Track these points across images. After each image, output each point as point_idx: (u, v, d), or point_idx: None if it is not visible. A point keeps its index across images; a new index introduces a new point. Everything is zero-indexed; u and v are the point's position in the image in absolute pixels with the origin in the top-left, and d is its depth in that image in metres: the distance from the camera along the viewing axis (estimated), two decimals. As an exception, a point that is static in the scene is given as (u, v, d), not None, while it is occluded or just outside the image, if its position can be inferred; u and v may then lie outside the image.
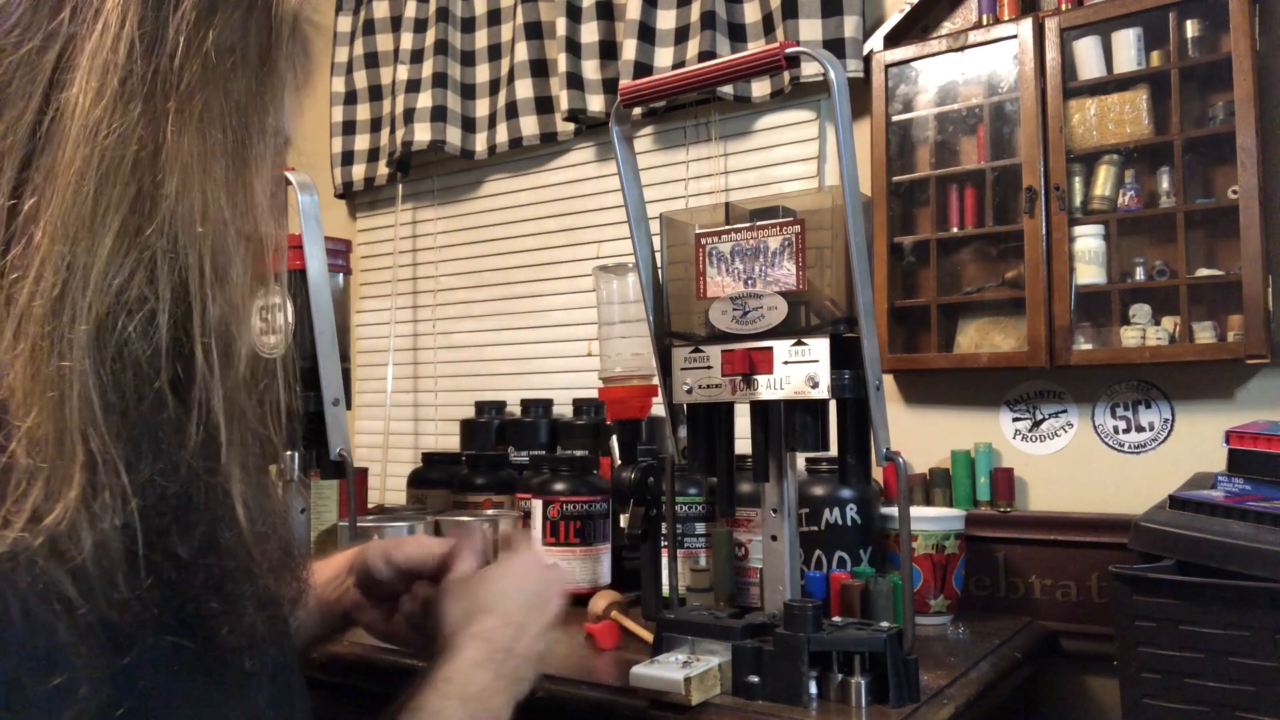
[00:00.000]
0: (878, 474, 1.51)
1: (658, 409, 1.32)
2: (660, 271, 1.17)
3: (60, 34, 0.49)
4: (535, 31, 2.05)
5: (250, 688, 0.54)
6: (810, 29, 1.67)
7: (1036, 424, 1.56)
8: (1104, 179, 1.45)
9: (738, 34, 1.80)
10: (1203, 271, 1.38)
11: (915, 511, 1.40)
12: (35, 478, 0.43)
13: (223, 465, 0.52)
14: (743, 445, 1.10)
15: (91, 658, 0.44)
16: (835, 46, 1.65)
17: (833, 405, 1.05)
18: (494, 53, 2.17)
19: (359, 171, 2.39)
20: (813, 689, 0.99)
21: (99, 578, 0.45)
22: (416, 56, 2.21)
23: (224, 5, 0.52)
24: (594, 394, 1.76)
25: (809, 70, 1.69)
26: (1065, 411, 1.54)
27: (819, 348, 1.02)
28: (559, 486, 1.47)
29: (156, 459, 0.48)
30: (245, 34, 0.54)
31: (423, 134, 2.14)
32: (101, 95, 0.48)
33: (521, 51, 2.05)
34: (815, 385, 1.02)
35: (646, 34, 1.86)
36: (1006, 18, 1.52)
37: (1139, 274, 1.44)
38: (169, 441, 0.50)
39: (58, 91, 0.48)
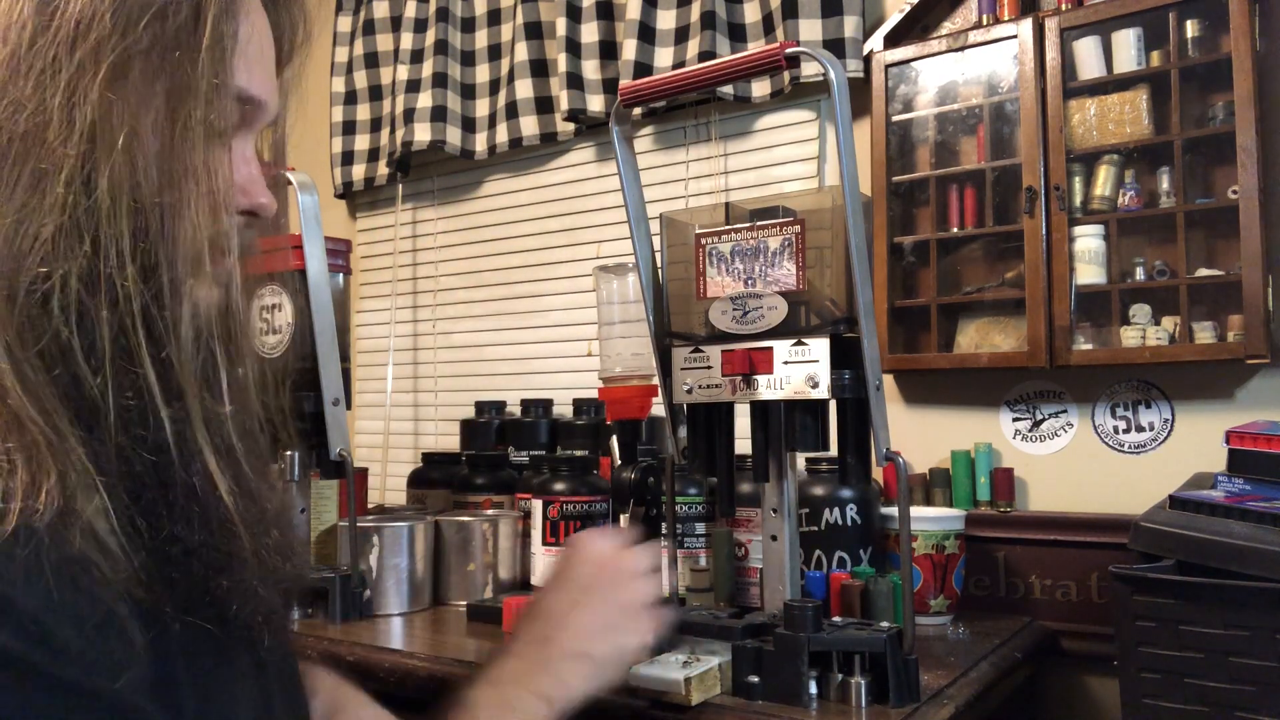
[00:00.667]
0: (878, 474, 1.51)
1: (658, 409, 1.32)
2: (660, 271, 1.17)
3: None
4: (535, 31, 2.05)
5: (264, 674, 0.54)
6: (810, 29, 1.67)
7: (1036, 424, 1.56)
8: (1104, 179, 1.45)
9: (738, 34, 1.80)
10: (1203, 271, 1.38)
11: (915, 511, 1.40)
12: (14, 462, 0.43)
13: (190, 440, 0.50)
14: (743, 445, 1.10)
15: (131, 628, 0.44)
16: (835, 46, 1.65)
17: (833, 405, 1.05)
18: (494, 53, 2.17)
19: (359, 171, 2.39)
20: (813, 689, 0.99)
21: (111, 552, 0.45)
22: (416, 56, 2.21)
23: None
24: (594, 394, 1.76)
25: (809, 70, 1.69)
26: (1065, 411, 1.54)
27: (819, 348, 1.02)
28: (559, 486, 1.47)
29: (117, 433, 0.47)
30: None
31: (423, 134, 2.14)
32: (10, 67, 0.47)
33: (521, 51, 2.05)
34: (815, 385, 1.02)
35: (646, 34, 1.86)
36: (1006, 18, 1.52)
37: (1139, 274, 1.44)
38: (125, 416, 0.48)
39: None
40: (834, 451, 1.08)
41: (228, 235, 0.55)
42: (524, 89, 2.05)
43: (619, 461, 1.40)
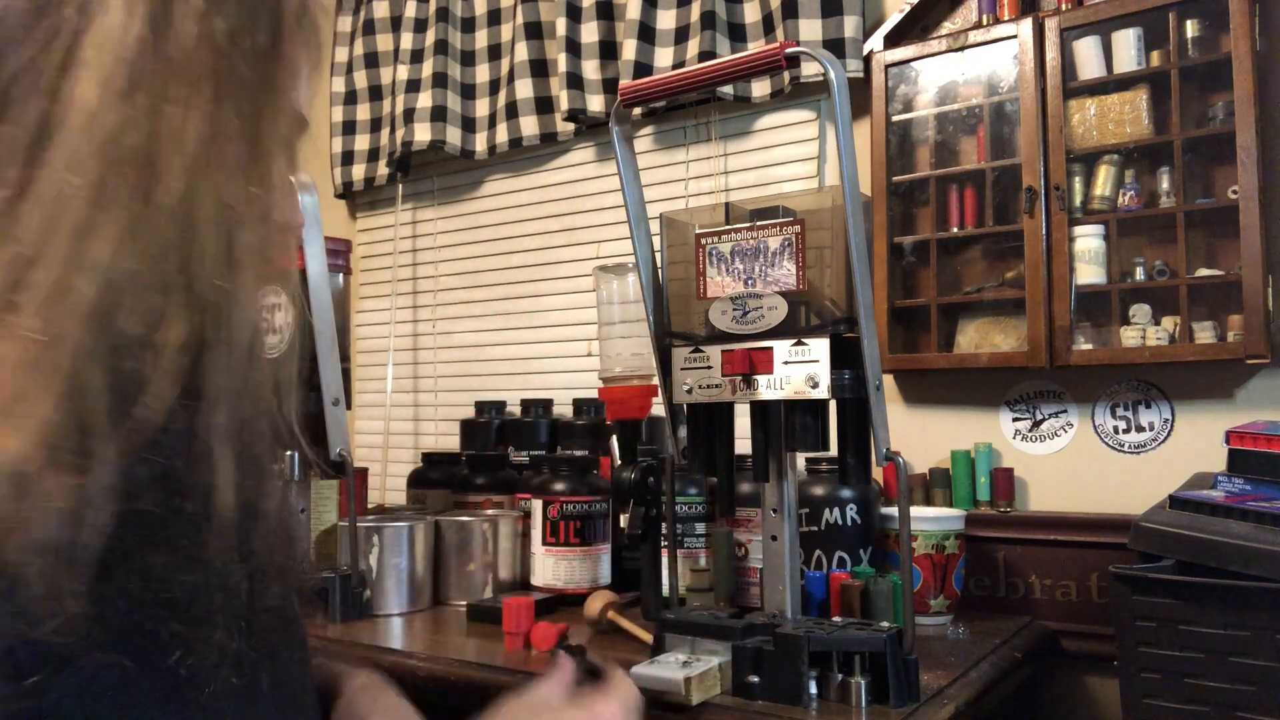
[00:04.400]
0: (878, 474, 1.51)
1: (658, 409, 1.32)
2: (660, 271, 1.17)
3: (65, 29, 0.49)
4: (535, 31, 2.05)
5: (214, 711, 0.52)
6: (810, 29, 1.67)
7: (1036, 424, 1.56)
8: (1104, 179, 1.45)
9: (738, 34, 1.80)
10: (1203, 271, 1.38)
11: (915, 511, 1.40)
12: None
13: (216, 460, 0.51)
14: (743, 445, 1.10)
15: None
16: (835, 46, 1.65)
17: (833, 405, 1.05)
18: (494, 53, 2.17)
19: (359, 171, 2.39)
20: (813, 689, 0.99)
21: (51, 592, 0.43)
22: (416, 56, 2.21)
23: None
24: (594, 394, 1.76)
25: (809, 70, 1.69)
26: (1065, 411, 1.54)
27: (819, 348, 1.02)
28: (559, 486, 1.47)
29: (156, 454, 0.48)
30: (254, 18, 0.54)
31: (423, 134, 2.14)
32: (106, 87, 0.48)
33: (521, 51, 2.05)
34: (815, 385, 1.02)
35: (646, 34, 1.86)
36: (1006, 18, 1.52)
37: (1139, 274, 1.44)
38: (170, 434, 0.49)
39: (63, 86, 0.48)
40: (834, 451, 1.08)
41: (278, 246, 0.57)
42: (524, 89, 2.05)
43: (619, 461, 1.40)
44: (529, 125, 2.06)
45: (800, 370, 1.02)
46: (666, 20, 1.87)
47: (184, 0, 0.51)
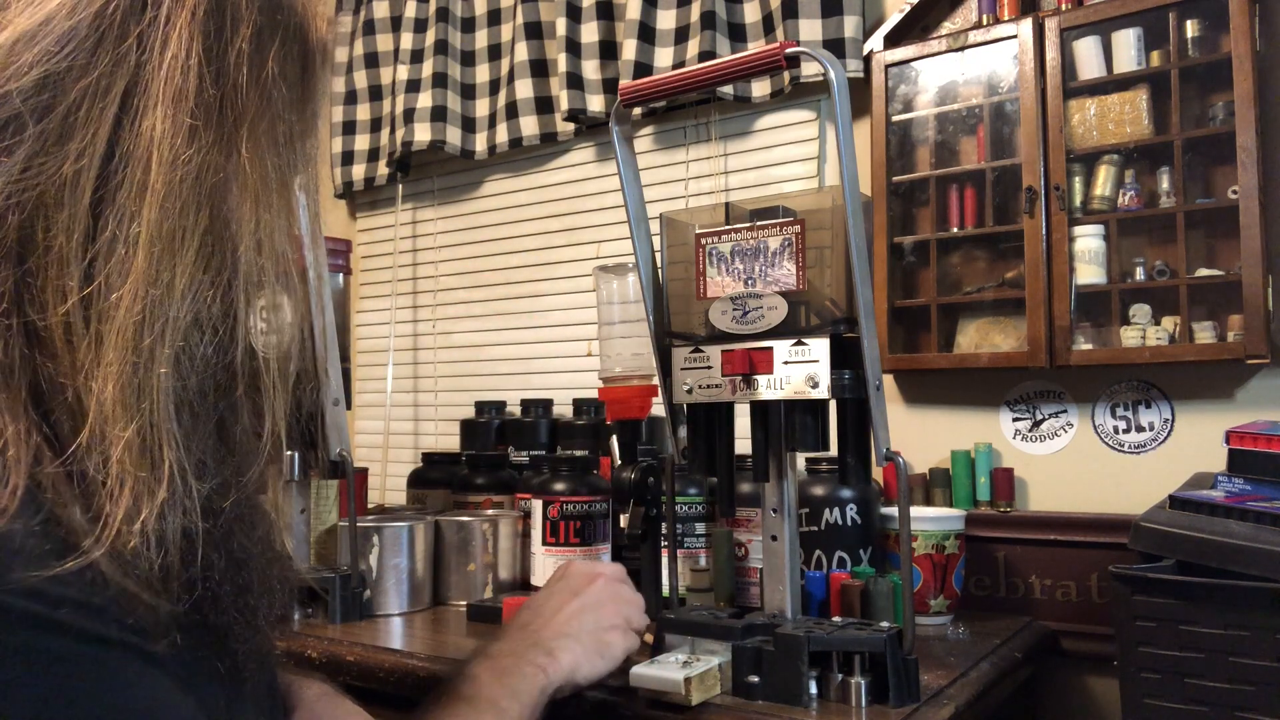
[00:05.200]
0: (878, 474, 1.51)
1: (658, 409, 1.32)
2: (660, 271, 1.17)
3: (128, 61, 0.50)
4: (535, 31, 2.05)
5: (242, 699, 0.55)
6: (810, 29, 1.67)
7: (1036, 424, 1.56)
8: (1104, 179, 1.45)
9: (738, 34, 1.80)
10: (1203, 271, 1.39)
11: (915, 511, 1.40)
12: (123, 486, 0.45)
13: (268, 477, 0.54)
14: (743, 445, 1.10)
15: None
16: (835, 46, 1.65)
17: (833, 405, 1.05)
18: (494, 53, 2.17)
19: (359, 171, 2.39)
20: (813, 689, 0.99)
21: (152, 588, 0.46)
22: (416, 56, 2.21)
23: (270, 34, 0.54)
24: (594, 394, 1.76)
25: (809, 70, 1.69)
26: (1065, 411, 1.54)
27: (819, 348, 1.02)
28: (559, 486, 1.47)
29: (224, 469, 0.51)
30: (290, 62, 0.57)
31: (423, 134, 2.14)
32: (178, 123, 0.50)
33: (521, 51, 2.05)
34: (815, 385, 1.02)
35: (646, 34, 1.86)
36: (1006, 18, 1.52)
37: (1139, 274, 1.44)
38: (239, 454, 0.53)
39: (130, 118, 0.49)
40: (834, 451, 1.08)
41: (296, 264, 0.61)
42: (524, 89, 2.05)
43: (619, 461, 1.40)
44: (529, 125, 2.06)
45: (800, 370, 1.02)
46: (666, 20, 1.87)
47: (235, 43, 0.52)
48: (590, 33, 1.95)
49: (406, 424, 2.39)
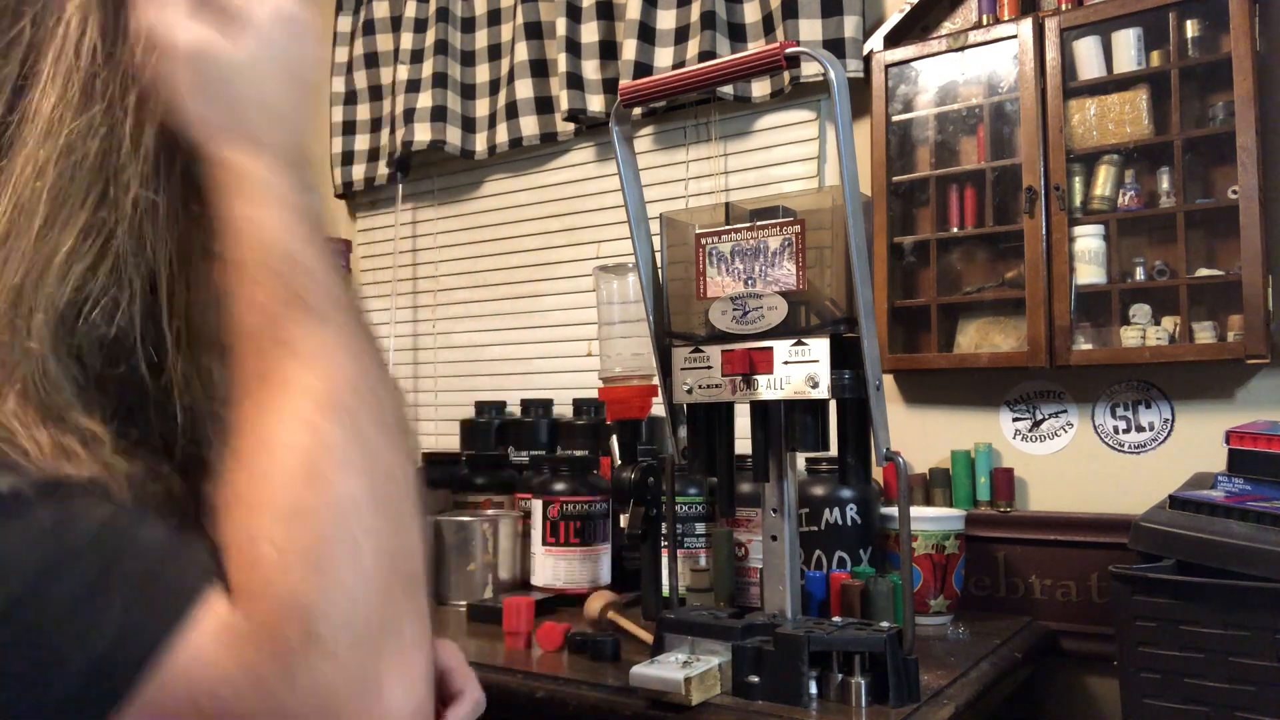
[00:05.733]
0: (878, 474, 1.51)
1: (658, 409, 1.32)
2: (660, 271, 1.17)
3: (22, 42, 0.50)
4: (535, 31, 2.05)
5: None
6: (810, 29, 1.67)
7: (1036, 424, 1.56)
8: (1104, 179, 1.45)
9: (738, 34, 1.80)
10: (1203, 271, 1.38)
11: (915, 511, 1.40)
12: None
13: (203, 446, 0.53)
14: (743, 445, 1.10)
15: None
16: (835, 46, 1.65)
17: (833, 405, 1.05)
18: (494, 53, 2.17)
19: (359, 171, 2.39)
20: (813, 689, 0.99)
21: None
22: (416, 56, 2.21)
23: None
24: (594, 394, 1.76)
25: (809, 70, 1.69)
26: (1065, 411, 1.54)
27: (819, 348, 1.02)
28: (559, 486, 1.47)
29: (145, 435, 0.50)
30: None
31: (423, 134, 2.14)
32: (63, 96, 0.49)
33: (521, 51, 2.05)
34: (815, 385, 1.02)
35: (646, 34, 1.86)
36: (1006, 18, 1.52)
37: (1139, 274, 1.44)
38: (152, 421, 0.51)
39: (20, 98, 0.49)
40: (834, 451, 1.08)
41: None
42: (524, 89, 2.05)
43: (619, 461, 1.40)
44: (529, 125, 2.06)
45: (800, 370, 1.02)
46: (666, 20, 1.86)
47: (134, 13, 0.51)
48: (590, 33, 1.95)
49: (406, 424, 2.39)
